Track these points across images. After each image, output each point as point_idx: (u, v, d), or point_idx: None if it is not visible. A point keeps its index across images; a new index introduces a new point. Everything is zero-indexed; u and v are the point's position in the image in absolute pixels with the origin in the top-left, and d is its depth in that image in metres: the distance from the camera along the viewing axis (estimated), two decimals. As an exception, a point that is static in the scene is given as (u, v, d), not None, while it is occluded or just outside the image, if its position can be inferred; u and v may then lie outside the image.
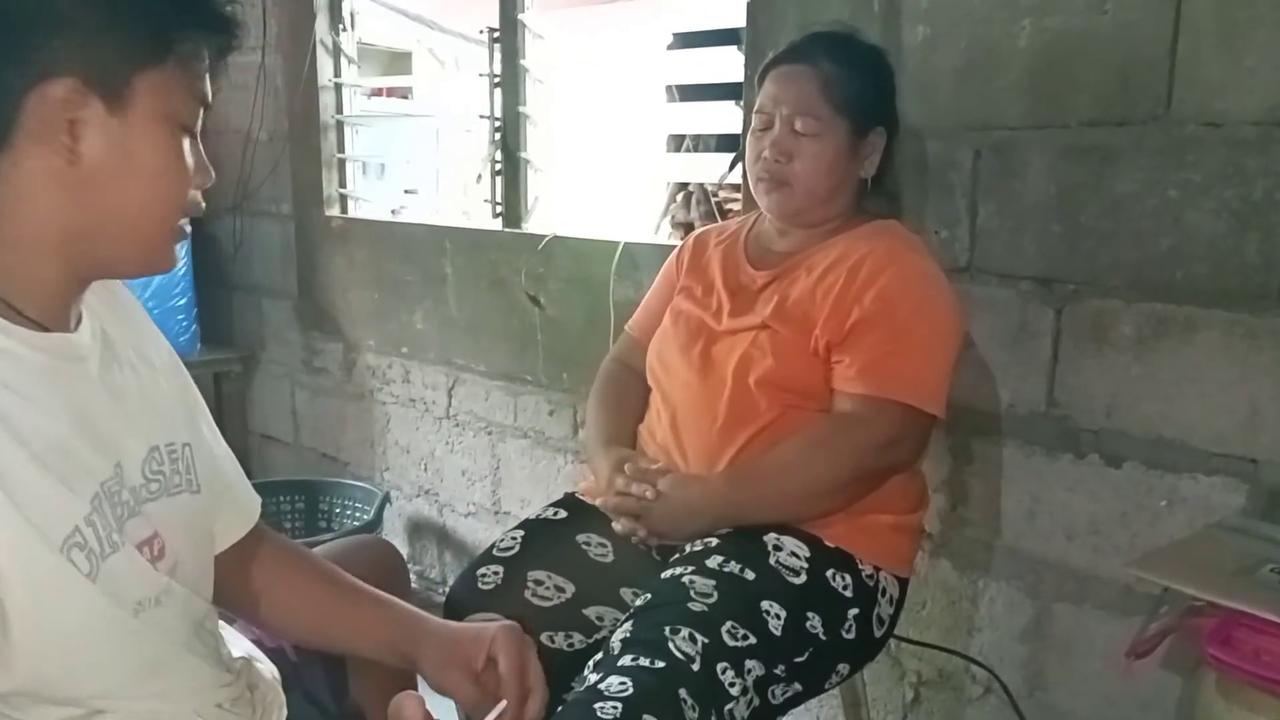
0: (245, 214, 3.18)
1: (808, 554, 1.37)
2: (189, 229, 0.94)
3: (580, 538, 1.54)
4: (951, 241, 1.70)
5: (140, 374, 0.98)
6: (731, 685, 1.22)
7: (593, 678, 1.19)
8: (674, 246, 1.77)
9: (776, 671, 1.28)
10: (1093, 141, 1.54)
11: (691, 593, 1.28)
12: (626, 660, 1.19)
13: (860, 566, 1.41)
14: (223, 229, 3.22)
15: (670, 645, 1.20)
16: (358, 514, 2.77)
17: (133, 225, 0.88)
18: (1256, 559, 1.23)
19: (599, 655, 1.25)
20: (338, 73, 2.96)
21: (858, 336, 1.41)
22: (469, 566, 1.54)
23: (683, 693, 1.17)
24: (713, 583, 1.30)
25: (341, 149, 2.99)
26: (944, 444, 1.75)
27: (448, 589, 1.57)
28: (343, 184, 3.01)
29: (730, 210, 2.38)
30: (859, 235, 1.50)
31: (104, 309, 0.98)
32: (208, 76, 0.89)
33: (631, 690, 1.15)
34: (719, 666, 1.22)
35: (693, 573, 1.32)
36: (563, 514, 1.59)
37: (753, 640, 1.26)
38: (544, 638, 1.44)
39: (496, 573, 1.49)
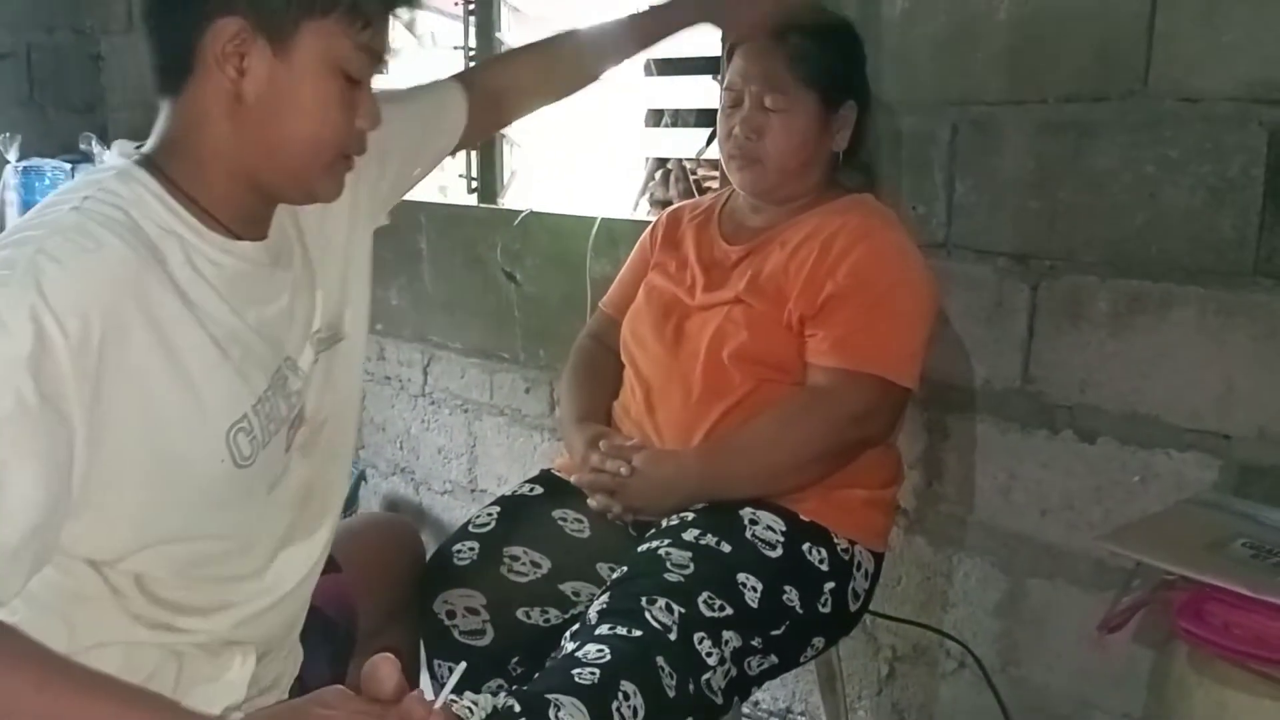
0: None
1: (784, 528, 1.37)
2: (355, 161, 1.03)
3: (556, 514, 1.53)
4: (929, 217, 1.70)
5: (315, 262, 1.09)
6: (709, 655, 1.22)
7: (570, 646, 1.19)
8: (651, 223, 1.76)
9: (753, 643, 1.28)
10: (1070, 117, 1.54)
11: (668, 564, 1.28)
12: (604, 629, 1.19)
13: (835, 541, 1.41)
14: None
15: (647, 615, 1.20)
16: (332, 492, 2.74)
17: (289, 161, 0.97)
18: (1229, 533, 1.24)
19: (576, 625, 1.25)
20: (311, 46, 2.91)
21: (831, 310, 1.41)
22: (445, 543, 1.53)
23: (660, 660, 1.17)
24: (689, 555, 1.29)
25: (315, 123, 2.95)
26: (919, 420, 1.75)
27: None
28: (317, 159, 2.97)
29: (708, 187, 2.37)
30: (833, 210, 1.50)
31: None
32: (377, 30, 0.98)
33: (609, 657, 1.15)
34: (696, 636, 1.22)
35: (669, 545, 1.31)
36: (539, 490, 1.58)
37: (729, 611, 1.26)
38: (520, 613, 1.44)
39: (472, 549, 1.48)
